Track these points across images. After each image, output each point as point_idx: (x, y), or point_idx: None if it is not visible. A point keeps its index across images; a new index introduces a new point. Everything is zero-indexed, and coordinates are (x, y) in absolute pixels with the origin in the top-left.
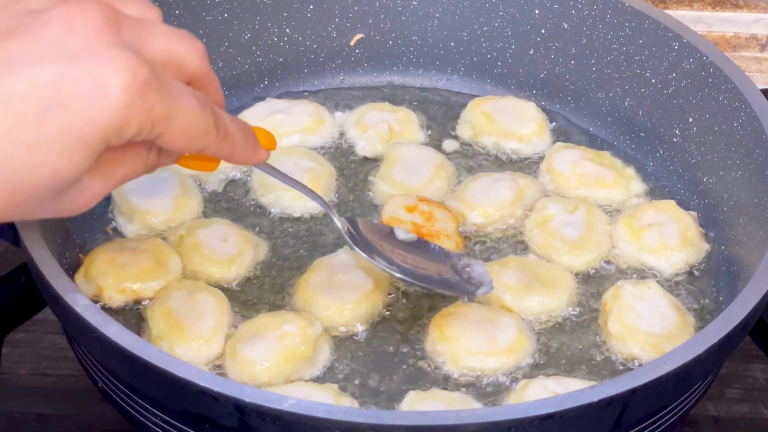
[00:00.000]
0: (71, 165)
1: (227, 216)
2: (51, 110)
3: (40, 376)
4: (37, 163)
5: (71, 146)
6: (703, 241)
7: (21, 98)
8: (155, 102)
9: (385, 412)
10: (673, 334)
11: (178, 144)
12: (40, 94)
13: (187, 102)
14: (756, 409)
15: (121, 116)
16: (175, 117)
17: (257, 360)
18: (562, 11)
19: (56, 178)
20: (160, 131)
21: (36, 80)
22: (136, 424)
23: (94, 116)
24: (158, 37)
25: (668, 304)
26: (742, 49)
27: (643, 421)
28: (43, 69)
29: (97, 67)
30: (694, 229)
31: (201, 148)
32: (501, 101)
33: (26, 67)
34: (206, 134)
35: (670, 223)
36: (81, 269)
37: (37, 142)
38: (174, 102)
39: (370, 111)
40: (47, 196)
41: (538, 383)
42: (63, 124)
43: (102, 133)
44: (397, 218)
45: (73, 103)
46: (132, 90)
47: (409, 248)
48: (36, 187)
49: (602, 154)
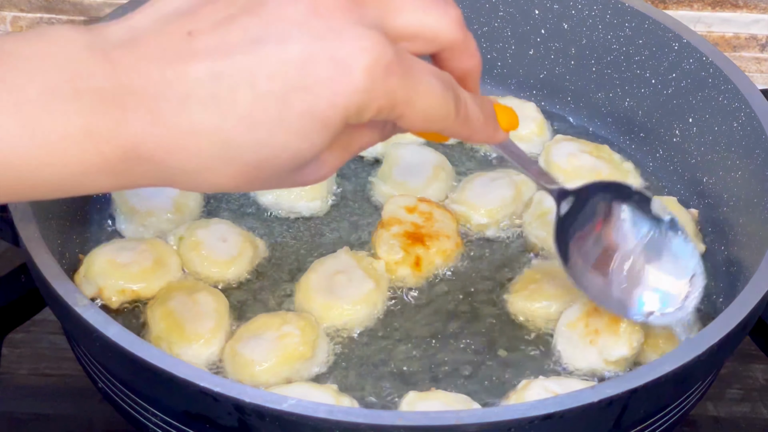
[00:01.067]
0: (311, 146)
1: (227, 216)
2: (294, 93)
3: (40, 376)
4: (278, 144)
5: (311, 128)
6: (699, 242)
7: (265, 79)
8: (397, 86)
9: (385, 412)
10: (672, 334)
11: (416, 126)
12: (285, 75)
13: (430, 84)
14: (756, 409)
15: (362, 99)
16: (416, 101)
17: (257, 360)
18: (562, 11)
19: (296, 159)
20: (400, 114)
21: (281, 61)
22: (136, 424)
23: (335, 99)
24: (406, 10)
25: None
26: (742, 49)
27: (643, 421)
28: (289, 49)
29: (341, 48)
30: (691, 228)
31: (439, 130)
32: (501, 101)
33: (272, 46)
34: (445, 117)
35: None
36: (81, 269)
37: (278, 125)
38: (416, 86)
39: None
40: (285, 174)
41: (538, 384)
42: (305, 108)
43: (342, 116)
44: (397, 218)
45: (315, 86)
46: (375, 73)
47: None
48: (275, 167)
49: (601, 148)
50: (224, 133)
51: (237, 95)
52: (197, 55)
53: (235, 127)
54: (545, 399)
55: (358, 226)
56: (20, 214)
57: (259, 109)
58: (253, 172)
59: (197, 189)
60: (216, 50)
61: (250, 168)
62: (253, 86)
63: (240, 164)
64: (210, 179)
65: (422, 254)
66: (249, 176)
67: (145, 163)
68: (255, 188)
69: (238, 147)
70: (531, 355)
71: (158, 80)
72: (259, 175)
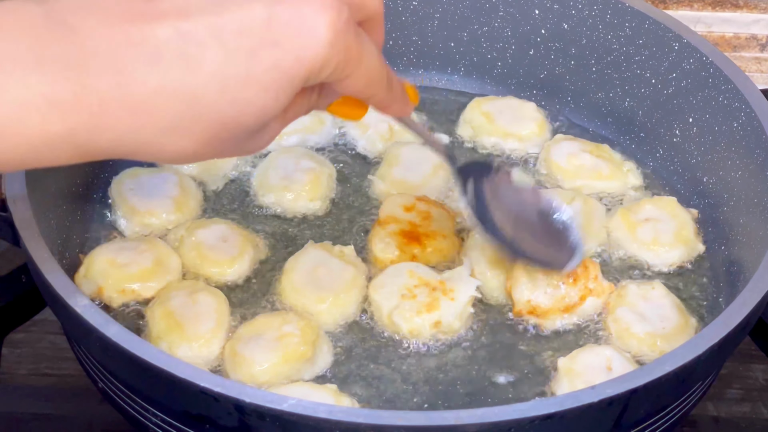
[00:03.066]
0: (276, 103)
1: (227, 216)
2: (262, 48)
3: (40, 376)
4: (246, 99)
5: (278, 83)
6: (698, 242)
7: (233, 35)
8: (353, 42)
9: (385, 412)
10: (672, 334)
11: (357, 87)
12: (253, 31)
13: (371, 47)
14: (756, 409)
15: (326, 54)
16: (364, 59)
17: (257, 360)
18: (562, 11)
19: (261, 115)
20: (350, 72)
21: (247, 19)
22: (136, 424)
23: (302, 54)
24: None
25: (671, 305)
26: (742, 49)
27: (643, 421)
28: (253, 8)
29: (303, 6)
30: (690, 228)
31: (371, 94)
32: (501, 101)
33: (236, 6)
34: (380, 81)
35: (667, 219)
36: (81, 269)
37: (247, 79)
38: (365, 44)
39: (370, 110)
40: (246, 134)
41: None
42: (273, 62)
43: (306, 71)
44: (394, 217)
45: (283, 40)
46: (336, 28)
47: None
48: (242, 125)
49: (601, 147)
50: (194, 90)
51: (206, 52)
52: (162, 15)
53: (206, 83)
54: (545, 399)
55: (358, 225)
56: (20, 214)
57: (228, 65)
58: (218, 133)
59: (159, 156)
60: (181, 10)
61: (215, 127)
62: (220, 43)
63: (207, 122)
64: (174, 142)
65: (418, 253)
66: (212, 137)
67: (109, 131)
68: (211, 154)
69: (207, 104)
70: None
71: (122, 41)
72: (221, 135)
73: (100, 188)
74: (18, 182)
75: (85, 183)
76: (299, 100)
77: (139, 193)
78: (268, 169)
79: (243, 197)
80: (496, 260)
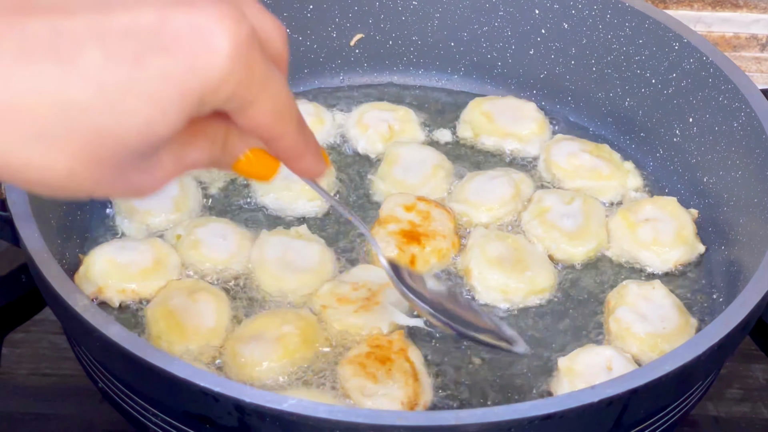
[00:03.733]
0: (163, 118)
1: (227, 216)
2: (149, 53)
3: (40, 376)
4: (127, 108)
5: (166, 94)
6: (698, 242)
7: (117, 38)
8: (258, 60)
9: (385, 411)
10: (673, 334)
11: (263, 120)
12: (139, 35)
13: (279, 74)
14: (756, 409)
15: (225, 68)
16: (270, 85)
17: (257, 360)
18: (562, 11)
19: (145, 131)
20: (253, 98)
21: (134, 21)
22: (136, 424)
23: (195, 64)
24: (250, 6)
25: (671, 305)
26: (742, 49)
27: (643, 421)
28: (142, 11)
29: (200, 13)
30: (690, 228)
31: (281, 133)
32: (501, 101)
33: (123, 8)
34: (290, 115)
35: (667, 220)
36: (81, 269)
37: (129, 86)
38: (271, 69)
39: (370, 110)
40: (130, 158)
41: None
42: (161, 69)
43: (201, 85)
44: (394, 216)
45: (174, 47)
46: (237, 41)
47: (441, 297)
48: (123, 140)
49: (601, 147)
50: (67, 93)
51: (85, 53)
52: (39, 10)
53: (80, 86)
54: (545, 399)
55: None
56: (20, 214)
57: (108, 69)
58: (95, 149)
59: (24, 173)
60: (61, 7)
61: (92, 139)
62: (102, 44)
63: (81, 134)
64: (43, 155)
65: (417, 253)
66: (89, 154)
67: None
68: (89, 178)
69: (82, 110)
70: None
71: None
72: (100, 153)
73: None
74: None
75: None
76: (199, 138)
77: None
78: None
79: (243, 197)
80: (496, 260)
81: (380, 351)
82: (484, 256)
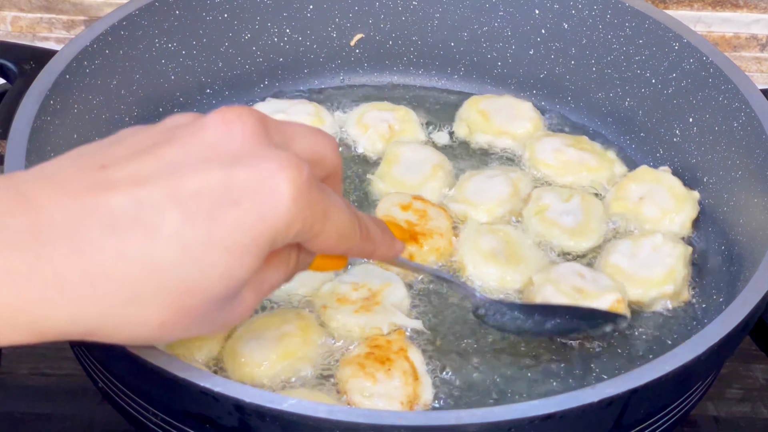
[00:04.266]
0: (241, 265)
1: None
2: (222, 208)
3: (40, 376)
4: (209, 262)
5: (241, 244)
6: (690, 191)
7: (191, 197)
8: (317, 198)
9: (385, 412)
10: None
11: (329, 244)
12: (210, 194)
13: (338, 201)
14: (756, 409)
15: (290, 212)
16: (331, 215)
17: (257, 360)
18: (562, 11)
19: (227, 279)
20: (318, 230)
21: (205, 181)
22: (136, 424)
23: (264, 212)
24: (301, 136)
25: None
26: (742, 49)
27: (643, 421)
28: (210, 169)
29: (262, 165)
30: (677, 184)
31: (347, 249)
32: (498, 100)
33: (192, 168)
34: (353, 234)
35: (656, 188)
36: None
37: (208, 241)
38: (331, 201)
39: (370, 110)
40: (215, 303)
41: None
42: (234, 222)
43: (271, 230)
44: (391, 216)
45: (243, 199)
46: (298, 185)
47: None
48: (208, 291)
49: (581, 139)
50: (154, 256)
51: (163, 217)
52: (116, 184)
53: (165, 248)
54: (545, 399)
55: None
56: None
57: (186, 228)
58: (183, 301)
59: (123, 331)
60: (135, 178)
61: (181, 294)
62: (178, 206)
63: (170, 291)
64: (137, 313)
65: (415, 252)
66: (179, 307)
67: (66, 303)
68: (181, 327)
69: (169, 269)
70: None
71: (78, 210)
72: (187, 303)
73: None
74: None
75: None
76: (274, 266)
77: None
78: None
79: None
80: (489, 254)
81: (380, 351)
82: (477, 251)
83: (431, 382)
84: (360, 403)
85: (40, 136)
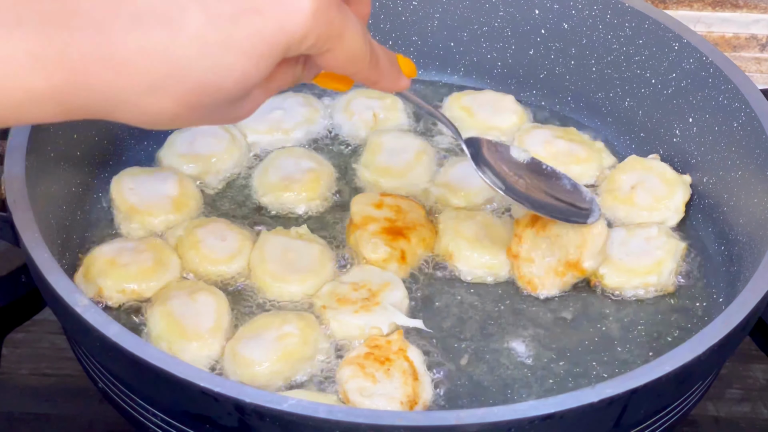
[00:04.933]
0: (257, 70)
1: (227, 216)
2: (245, 14)
3: (40, 376)
4: (227, 64)
5: (259, 51)
6: (681, 176)
7: (216, 2)
8: (336, 16)
9: (385, 412)
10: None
11: (337, 64)
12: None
13: (356, 22)
14: (756, 409)
15: (308, 25)
16: (346, 36)
17: (257, 360)
18: (562, 11)
19: (242, 82)
20: (330, 47)
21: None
22: (136, 424)
23: (284, 22)
24: None
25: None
26: (742, 49)
27: (643, 421)
28: None
29: None
30: (668, 169)
31: (354, 72)
32: (479, 95)
33: None
34: (363, 59)
35: (647, 175)
36: (81, 269)
37: (229, 44)
38: (348, 21)
39: (358, 97)
40: (227, 101)
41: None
42: (255, 29)
43: (287, 40)
44: (370, 216)
45: (266, 8)
46: (320, 1)
47: (524, 169)
48: (223, 90)
49: (569, 130)
50: (175, 52)
51: (188, 15)
52: None
53: (186, 46)
54: (545, 399)
55: None
56: (20, 214)
57: (209, 29)
58: (199, 97)
59: (141, 117)
60: None
61: (197, 90)
62: (203, 7)
63: (188, 85)
64: (155, 103)
65: (406, 248)
66: (193, 101)
67: (92, 89)
68: (194, 118)
69: (188, 66)
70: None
71: (104, 1)
72: (202, 100)
73: (100, 188)
74: (18, 182)
75: (85, 183)
76: (282, 70)
77: (139, 193)
78: (268, 168)
79: (243, 197)
80: (473, 238)
81: (379, 351)
82: (462, 237)
83: (431, 382)
84: (360, 403)
85: (40, 136)
